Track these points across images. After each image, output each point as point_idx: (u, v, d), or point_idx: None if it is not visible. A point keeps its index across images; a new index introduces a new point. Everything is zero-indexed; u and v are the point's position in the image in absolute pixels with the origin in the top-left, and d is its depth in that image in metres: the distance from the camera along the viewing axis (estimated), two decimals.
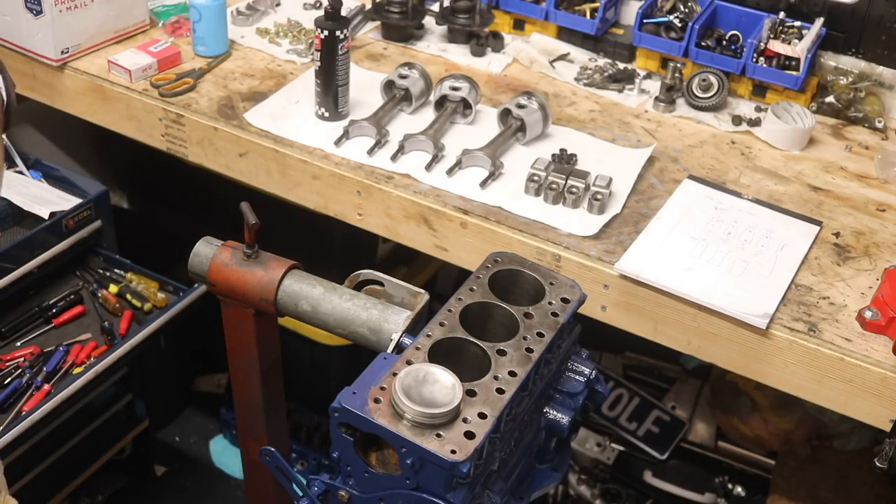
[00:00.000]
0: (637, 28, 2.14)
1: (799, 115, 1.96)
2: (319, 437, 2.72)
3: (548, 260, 1.64)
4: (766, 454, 2.58)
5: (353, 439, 1.22)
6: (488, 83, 2.11)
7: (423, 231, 1.75)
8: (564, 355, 1.40)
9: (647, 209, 1.74)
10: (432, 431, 1.15)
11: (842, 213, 1.78)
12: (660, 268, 1.58)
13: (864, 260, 1.67)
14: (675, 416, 2.68)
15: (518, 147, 1.89)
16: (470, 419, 1.18)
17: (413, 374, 1.20)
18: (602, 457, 2.66)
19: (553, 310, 1.38)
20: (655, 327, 1.61)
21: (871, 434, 2.34)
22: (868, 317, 1.50)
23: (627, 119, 2.02)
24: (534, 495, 1.45)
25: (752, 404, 2.49)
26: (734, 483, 2.60)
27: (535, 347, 1.30)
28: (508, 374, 1.25)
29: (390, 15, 2.22)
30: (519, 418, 1.29)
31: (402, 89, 1.95)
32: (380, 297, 1.45)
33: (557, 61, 2.21)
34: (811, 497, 2.30)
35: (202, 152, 1.93)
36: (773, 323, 1.51)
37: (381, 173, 1.78)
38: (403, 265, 2.65)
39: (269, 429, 1.67)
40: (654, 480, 2.57)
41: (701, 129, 2.01)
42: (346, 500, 1.27)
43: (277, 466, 1.30)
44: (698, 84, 2.04)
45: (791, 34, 2.05)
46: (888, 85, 2.07)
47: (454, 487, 1.18)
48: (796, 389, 1.54)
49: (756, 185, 1.84)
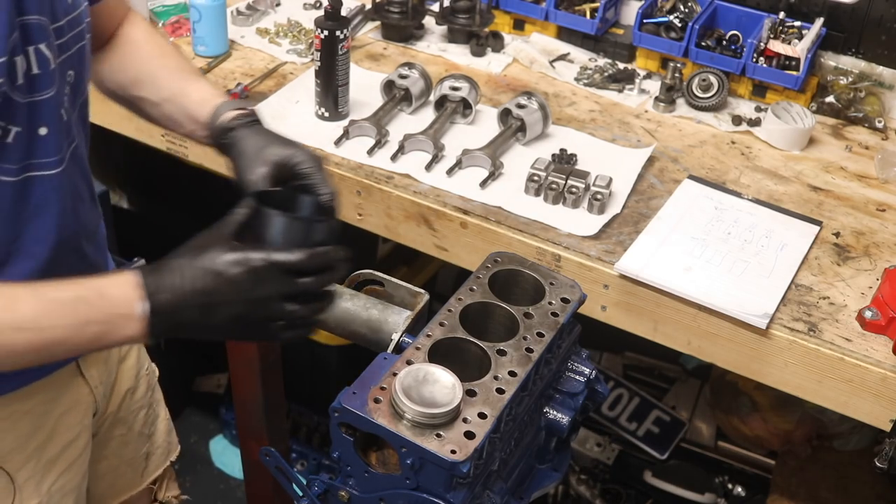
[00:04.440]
0: (637, 28, 2.14)
1: (799, 115, 1.96)
2: (319, 437, 2.72)
3: (548, 260, 1.64)
4: (766, 454, 2.59)
5: (353, 439, 1.22)
6: (488, 83, 2.11)
7: (423, 231, 1.75)
8: (564, 355, 1.40)
9: (647, 209, 1.74)
10: (432, 431, 1.15)
11: (842, 213, 1.78)
12: (660, 268, 1.58)
13: (864, 260, 1.67)
14: (675, 416, 2.68)
15: (518, 147, 1.89)
16: (470, 419, 1.18)
17: (413, 374, 1.20)
18: (602, 457, 2.66)
19: (553, 310, 1.38)
20: (655, 327, 1.61)
21: (871, 434, 2.34)
22: (868, 317, 1.50)
23: (627, 119, 2.02)
24: (534, 495, 1.45)
25: (752, 404, 2.49)
26: (734, 483, 2.60)
27: (535, 347, 1.30)
28: (508, 374, 1.25)
29: (390, 15, 2.22)
30: (519, 418, 1.29)
31: (402, 89, 1.95)
32: (380, 297, 1.45)
33: (557, 61, 2.21)
34: (811, 497, 2.30)
35: (202, 152, 1.93)
36: (773, 323, 1.51)
37: (381, 173, 1.78)
38: (403, 265, 2.65)
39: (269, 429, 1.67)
40: (654, 480, 2.57)
41: (701, 129, 2.01)
42: (346, 500, 1.27)
43: (277, 466, 1.30)
44: (698, 84, 2.04)
45: (791, 34, 2.05)
46: (888, 85, 2.07)
47: (454, 487, 1.18)
48: (796, 389, 1.54)
49: (756, 185, 1.84)
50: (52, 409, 1.32)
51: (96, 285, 1.06)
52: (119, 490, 1.62)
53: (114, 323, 1.06)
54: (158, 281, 1.07)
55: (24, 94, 1.09)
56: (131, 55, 1.39)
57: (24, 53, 1.07)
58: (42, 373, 1.28)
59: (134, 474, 1.62)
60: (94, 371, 1.40)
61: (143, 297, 1.06)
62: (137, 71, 1.38)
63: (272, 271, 1.09)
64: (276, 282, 1.09)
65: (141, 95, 1.37)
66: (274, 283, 1.09)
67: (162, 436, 1.66)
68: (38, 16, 1.08)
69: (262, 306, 1.10)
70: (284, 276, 1.10)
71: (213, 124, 1.30)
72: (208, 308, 1.08)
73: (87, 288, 1.06)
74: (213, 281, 1.07)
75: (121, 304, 1.06)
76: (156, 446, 1.64)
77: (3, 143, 1.09)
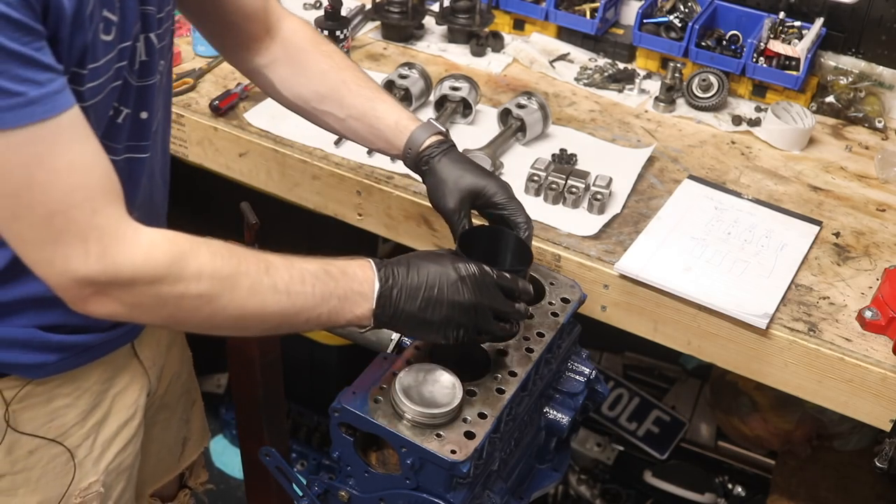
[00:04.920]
0: (637, 28, 2.14)
1: (799, 115, 1.96)
2: (319, 437, 2.72)
3: (548, 260, 1.64)
4: (766, 454, 2.59)
5: (353, 439, 1.22)
6: (488, 83, 2.11)
7: (423, 231, 1.74)
8: (564, 355, 1.40)
9: (647, 209, 1.74)
10: (432, 431, 1.15)
11: (842, 213, 1.78)
12: (660, 268, 1.58)
13: (864, 260, 1.67)
14: (675, 416, 2.68)
15: (518, 147, 1.89)
16: (470, 419, 1.18)
17: (413, 374, 1.20)
18: (602, 457, 2.66)
19: (553, 310, 1.38)
20: (655, 327, 1.61)
21: (871, 434, 2.34)
22: (868, 317, 1.50)
23: (627, 119, 2.02)
24: (534, 495, 1.46)
25: (752, 404, 2.49)
26: (734, 483, 2.60)
27: (535, 347, 1.30)
28: (508, 374, 1.25)
29: (390, 15, 2.22)
30: (519, 418, 1.29)
31: (402, 89, 1.95)
32: None
33: (557, 61, 2.21)
34: (811, 497, 2.30)
35: (202, 152, 1.93)
36: (773, 323, 1.51)
37: (381, 173, 1.77)
38: None
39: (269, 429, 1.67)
40: (654, 480, 2.57)
41: (701, 129, 2.01)
42: (346, 500, 1.27)
43: (277, 466, 1.30)
44: (698, 84, 2.04)
45: (791, 34, 2.05)
46: (888, 85, 2.07)
47: (454, 487, 1.18)
48: (796, 389, 1.54)
49: (756, 185, 1.84)
50: (109, 387, 1.36)
51: (339, 263, 1.16)
52: (159, 474, 1.66)
53: (351, 300, 1.14)
54: (395, 269, 1.17)
55: (137, 78, 1.16)
56: (308, 67, 1.45)
57: (140, 41, 1.15)
58: (101, 352, 1.32)
59: (172, 459, 1.67)
60: (147, 353, 1.44)
61: (380, 279, 1.15)
62: (319, 84, 1.44)
63: (494, 288, 1.19)
64: (496, 298, 1.20)
65: (325, 110, 1.45)
66: (494, 298, 1.20)
67: (198, 422, 1.71)
68: (152, 6, 1.15)
69: (477, 315, 1.18)
70: (502, 295, 1.20)
71: (411, 151, 1.39)
72: (430, 302, 1.16)
73: (332, 264, 1.15)
74: (443, 280, 1.17)
75: (361, 282, 1.15)
76: (192, 432, 1.69)
77: (115, 124, 1.15)
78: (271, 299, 1.09)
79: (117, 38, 1.08)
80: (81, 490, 1.37)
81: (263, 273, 1.09)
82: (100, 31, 1.04)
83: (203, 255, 1.06)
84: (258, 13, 1.42)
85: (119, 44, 1.09)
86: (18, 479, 1.31)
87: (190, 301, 1.05)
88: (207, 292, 1.06)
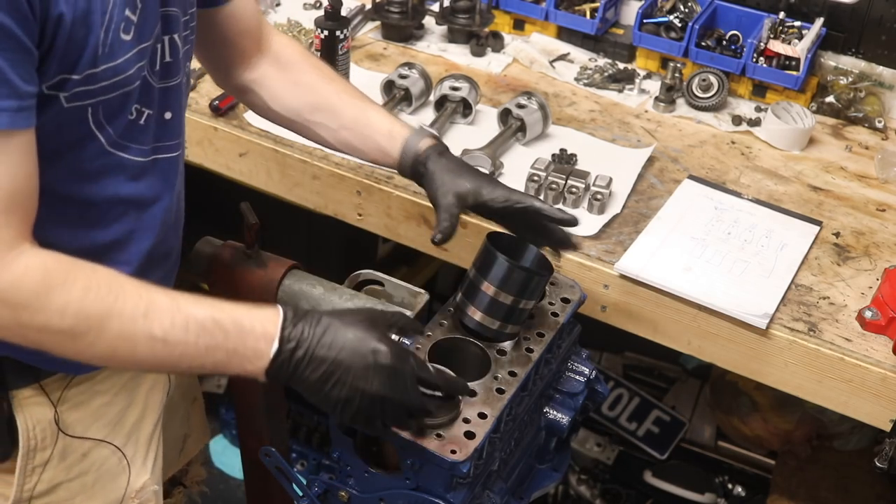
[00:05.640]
0: (637, 28, 2.14)
1: (799, 115, 1.96)
2: (319, 437, 2.72)
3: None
4: (766, 454, 2.58)
5: (353, 439, 1.22)
6: (488, 83, 2.11)
7: (423, 231, 1.75)
8: (564, 355, 1.40)
9: (647, 209, 1.74)
10: (432, 431, 1.15)
11: (842, 213, 1.78)
12: (660, 268, 1.58)
13: (864, 260, 1.67)
14: (675, 416, 2.68)
15: (518, 147, 1.89)
16: (470, 419, 1.18)
17: None
18: (602, 457, 2.66)
19: (553, 310, 1.38)
20: (655, 327, 1.61)
21: (871, 434, 2.34)
22: (868, 317, 1.50)
23: (627, 119, 2.02)
24: (534, 495, 1.46)
25: (752, 404, 2.49)
26: (734, 483, 2.60)
27: (535, 347, 1.30)
28: (508, 374, 1.25)
29: (390, 15, 2.22)
30: (519, 418, 1.29)
31: (402, 89, 1.95)
32: (380, 297, 1.45)
33: (557, 61, 2.21)
34: (811, 497, 2.30)
35: (202, 152, 1.93)
36: (773, 323, 1.51)
37: (382, 173, 1.77)
38: (403, 265, 2.64)
39: (269, 429, 1.67)
40: (654, 480, 2.57)
41: (701, 129, 2.01)
42: (346, 500, 1.27)
43: (277, 466, 1.30)
44: (698, 84, 2.04)
45: (791, 34, 2.05)
46: (888, 85, 2.07)
47: (454, 487, 1.18)
48: (796, 389, 1.54)
49: (756, 185, 1.84)
50: (138, 385, 1.37)
51: (237, 313, 1.08)
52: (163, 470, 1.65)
53: (242, 355, 1.07)
54: (305, 329, 1.08)
55: (159, 79, 1.17)
56: (300, 79, 1.46)
57: (162, 42, 1.15)
58: None
59: (174, 455, 1.66)
60: None
61: (282, 339, 1.07)
62: (311, 95, 1.45)
63: (411, 381, 1.11)
64: (409, 394, 1.11)
65: (317, 121, 1.45)
66: (407, 394, 1.11)
67: (198, 419, 1.71)
68: (175, 8, 1.16)
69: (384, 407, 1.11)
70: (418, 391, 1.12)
71: (407, 156, 1.39)
72: (332, 378, 1.08)
73: (227, 313, 1.07)
74: (353, 360, 1.08)
75: (258, 338, 1.07)
76: (192, 429, 1.69)
77: (138, 125, 1.15)
78: (144, 345, 1.04)
79: (136, 37, 1.08)
80: (137, 491, 1.36)
81: (140, 316, 1.03)
82: (120, 31, 1.05)
83: (75, 291, 1.01)
84: (252, 30, 1.43)
85: (138, 44, 1.09)
86: (75, 486, 1.29)
87: (52, 335, 1.03)
88: (70, 329, 1.02)
